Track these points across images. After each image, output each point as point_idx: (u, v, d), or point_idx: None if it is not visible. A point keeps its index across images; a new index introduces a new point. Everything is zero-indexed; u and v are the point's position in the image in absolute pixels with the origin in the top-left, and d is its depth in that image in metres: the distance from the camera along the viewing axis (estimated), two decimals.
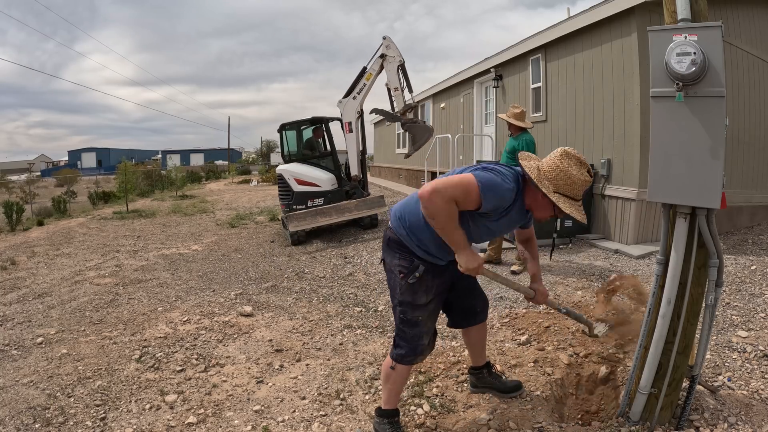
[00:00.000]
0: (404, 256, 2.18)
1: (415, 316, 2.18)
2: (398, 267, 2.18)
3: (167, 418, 2.66)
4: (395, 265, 2.19)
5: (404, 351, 2.22)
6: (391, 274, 2.25)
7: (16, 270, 6.78)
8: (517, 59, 9.05)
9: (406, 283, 2.16)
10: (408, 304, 2.18)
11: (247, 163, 51.27)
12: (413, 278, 2.15)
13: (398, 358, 2.23)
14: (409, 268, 2.15)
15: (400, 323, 2.22)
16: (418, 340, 2.21)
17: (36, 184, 23.99)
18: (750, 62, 6.93)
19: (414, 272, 2.14)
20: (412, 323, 2.19)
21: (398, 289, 2.18)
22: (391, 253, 2.23)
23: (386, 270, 2.30)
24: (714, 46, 1.90)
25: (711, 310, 2.15)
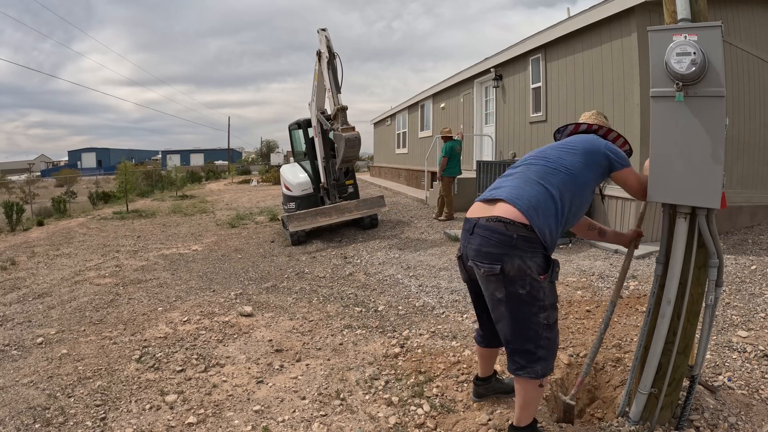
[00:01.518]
0: (537, 252, 1.95)
1: (555, 316, 2.01)
2: (536, 267, 1.94)
3: (167, 418, 2.65)
4: (532, 267, 1.92)
5: (550, 360, 2.00)
6: (523, 278, 1.92)
7: (16, 270, 6.78)
8: (517, 59, 9.05)
9: (550, 283, 1.98)
10: (553, 307, 1.99)
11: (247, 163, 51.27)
12: (556, 275, 1.99)
13: (545, 371, 1.99)
14: (549, 265, 1.97)
15: (544, 331, 1.96)
16: (557, 340, 2.05)
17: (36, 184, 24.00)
18: (750, 62, 6.94)
19: (554, 268, 1.98)
20: (553, 325, 2.00)
21: (542, 293, 1.94)
22: (519, 254, 1.92)
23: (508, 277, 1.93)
24: (714, 46, 1.90)
25: (711, 310, 2.15)
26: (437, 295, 4.61)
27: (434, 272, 5.43)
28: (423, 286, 4.94)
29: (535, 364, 1.97)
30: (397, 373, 3.04)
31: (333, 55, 7.29)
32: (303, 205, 8.18)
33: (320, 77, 7.63)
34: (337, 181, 8.15)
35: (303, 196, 8.35)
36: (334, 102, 7.23)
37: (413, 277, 5.32)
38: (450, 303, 4.38)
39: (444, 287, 4.82)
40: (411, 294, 4.71)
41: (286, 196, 8.64)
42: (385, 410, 2.63)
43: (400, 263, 5.95)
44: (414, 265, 5.82)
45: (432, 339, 3.55)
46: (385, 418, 2.55)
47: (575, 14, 7.50)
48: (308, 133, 8.62)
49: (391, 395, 2.77)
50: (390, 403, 2.69)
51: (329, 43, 7.32)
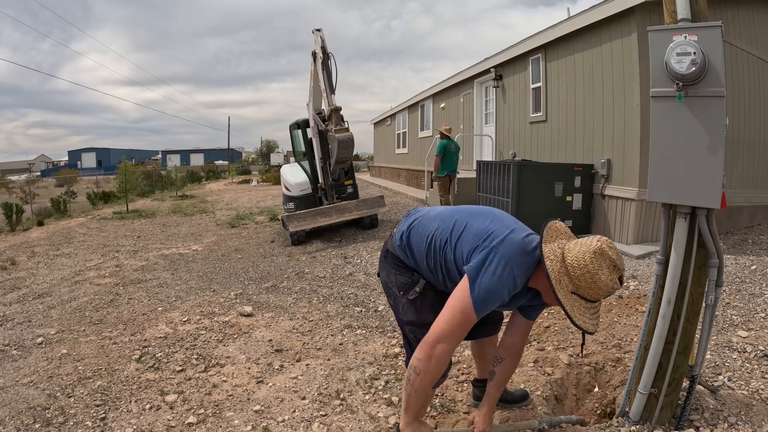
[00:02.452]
0: (402, 270, 2.02)
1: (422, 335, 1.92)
2: (396, 283, 2.02)
3: (167, 418, 2.65)
4: (392, 282, 2.04)
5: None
6: (389, 290, 2.08)
7: (16, 270, 6.78)
8: (517, 59, 9.05)
9: (407, 300, 2.00)
10: (414, 324, 2.00)
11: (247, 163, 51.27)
12: (413, 293, 1.98)
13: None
14: (408, 284, 2.00)
15: (414, 342, 2.00)
16: None
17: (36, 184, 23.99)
18: (750, 62, 6.94)
19: (414, 287, 1.98)
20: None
21: (400, 308, 2.02)
22: (387, 267, 2.07)
23: (384, 287, 2.13)
24: (714, 46, 1.90)
25: (711, 310, 2.15)
26: None
27: None
28: None
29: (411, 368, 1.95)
30: (397, 373, 3.04)
31: (327, 56, 7.29)
32: (302, 205, 8.19)
33: (316, 78, 7.63)
34: (336, 181, 8.15)
35: (302, 197, 8.35)
36: (328, 102, 7.22)
37: None
38: None
39: None
40: None
41: (286, 196, 8.66)
42: (385, 410, 2.63)
43: None
44: None
45: None
46: (385, 418, 2.55)
47: (575, 14, 7.50)
48: (307, 133, 8.63)
49: (391, 395, 2.77)
50: (390, 403, 2.69)
51: (324, 43, 7.31)
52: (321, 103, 7.73)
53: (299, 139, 9.10)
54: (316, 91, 7.81)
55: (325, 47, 7.30)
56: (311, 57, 7.62)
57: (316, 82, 7.63)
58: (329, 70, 7.31)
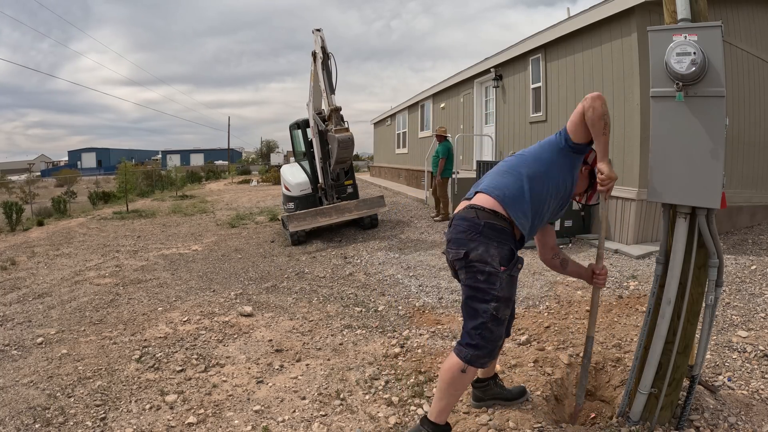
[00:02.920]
0: (504, 243, 2.02)
1: (505, 313, 2.04)
2: (499, 257, 2.00)
3: (167, 418, 2.65)
4: (495, 255, 1.99)
5: (483, 352, 2.03)
6: (483, 266, 1.99)
7: (16, 270, 6.78)
8: (517, 59, 9.05)
9: (508, 276, 2.01)
10: (505, 301, 2.02)
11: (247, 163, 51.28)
12: (516, 270, 2.04)
13: (474, 360, 2.02)
14: (512, 260, 2.03)
15: (490, 321, 2.00)
16: (499, 340, 2.08)
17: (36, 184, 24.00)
18: (750, 62, 6.94)
19: (517, 263, 2.04)
20: (501, 322, 2.03)
21: (498, 283, 1.99)
22: (485, 241, 2.01)
23: (474, 264, 2.01)
24: (714, 46, 1.90)
25: (711, 310, 2.15)
26: (437, 295, 4.61)
27: (434, 272, 5.43)
28: (423, 286, 4.95)
29: (468, 348, 2.03)
30: (397, 373, 3.04)
31: (327, 56, 7.29)
32: (301, 205, 8.19)
33: (316, 78, 7.63)
34: (336, 181, 8.15)
35: (301, 197, 8.36)
36: (328, 103, 7.21)
37: (413, 277, 5.32)
38: (450, 303, 4.38)
39: (444, 287, 4.82)
40: (411, 294, 4.71)
41: (286, 196, 8.67)
42: (385, 410, 2.63)
43: (400, 263, 5.95)
44: (414, 265, 5.82)
45: (432, 339, 3.55)
46: (385, 418, 2.55)
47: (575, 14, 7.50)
48: (307, 133, 8.63)
49: (391, 395, 2.77)
50: (390, 403, 2.69)
51: (324, 43, 7.31)
52: (321, 103, 7.73)
53: (299, 139, 9.10)
54: (316, 91, 7.81)
55: (325, 47, 7.31)
56: (311, 57, 7.63)
57: (316, 82, 7.63)
58: (329, 70, 7.31)
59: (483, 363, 2.07)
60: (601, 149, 2.04)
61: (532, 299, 4.27)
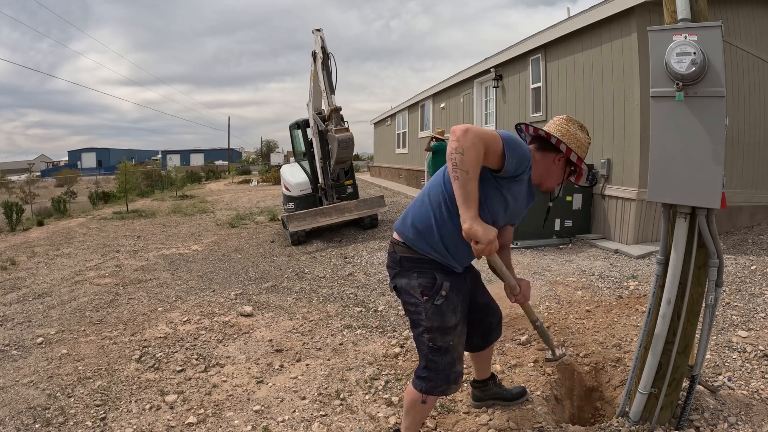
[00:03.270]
0: (424, 272, 1.94)
1: (446, 341, 1.94)
2: (420, 287, 1.93)
3: (167, 418, 2.65)
4: (415, 287, 1.94)
5: (435, 383, 1.97)
6: (409, 298, 1.96)
7: (16, 270, 6.78)
8: (517, 59, 9.05)
9: (433, 306, 1.92)
10: (438, 330, 1.93)
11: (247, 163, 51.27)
12: (440, 298, 1.91)
13: (429, 390, 1.98)
14: (434, 287, 1.92)
15: (429, 353, 1.95)
16: (451, 368, 1.97)
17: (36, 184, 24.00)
18: (750, 62, 6.93)
19: (439, 290, 1.91)
20: (444, 350, 1.95)
21: (424, 314, 1.92)
22: (406, 273, 1.97)
23: (402, 296, 2.00)
24: (714, 46, 1.90)
25: (711, 310, 2.15)
26: None
27: None
28: None
29: (421, 380, 1.99)
30: (397, 373, 3.04)
31: (327, 56, 7.29)
32: (301, 205, 8.19)
33: (316, 78, 7.64)
34: (336, 181, 8.15)
35: (301, 197, 8.36)
36: (328, 103, 7.21)
37: None
38: None
39: None
40: None
41: (286, 196, 8.67)
42: (385, 410, 2.63)
43: None
44: None
45: None
46: (385, 418, 2.55)
47: (575, 14, 7.50)
48: (307, 133, 8.63)
49: (391, 395, 2.77)
50: (390, 403, 2.69)
51: (324, 43, 7.31)
52: (321, 103, 7.73)
53: (299, 139, 9.11)
54: (316, 91, 7.81)
55: (325, 47, 7.31)
56: (311, 57, 7.63)
57: (316, 82, 7.63)
58: (329, 70, 7.32)
59: (442, 391, 2.00)
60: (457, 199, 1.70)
61: (532, 299, 4.27)
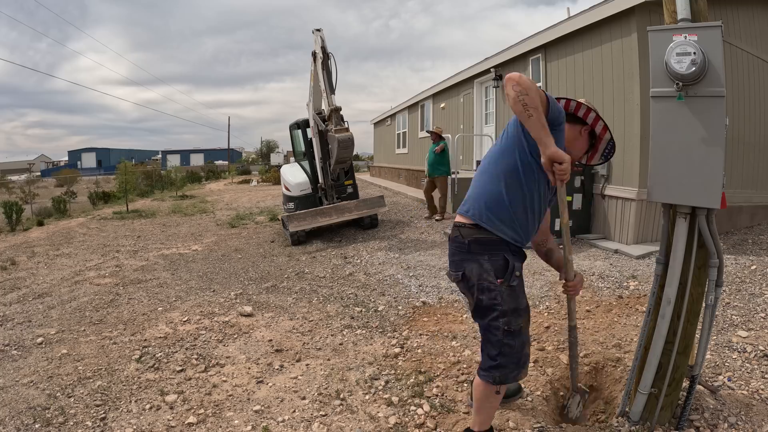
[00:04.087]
0: (495, 254, 1.93)
1: (518, 324, 1.94)
2: (493, 271, 1.91)
3: (167, 418, 2.65)
4: (489, 270, 1.92)
5: (509, 368, 1.95)
6: (482, 283, 1.93)
7: (16, 270, 6.78)
8: (517, 59, 9.05)
9: (508, 288, 1.91)
10: (513, 312, 1.92)
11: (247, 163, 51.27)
12: (515, 279, 1.92)
13: (502, 378, 1.96)
14: (507, 269, 1.91)
15: (504, 337, 1.93)
16: (522, 350, 1.97)
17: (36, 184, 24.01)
18: (750, 62, 6.93)
19: (513, 272, 1.92)
20: (516, 333, 1.94)
21: (499, 297, 1.91)
22: (475, 258, 1.94)
23: (473, 283, 1.96)
24: (714, 46, 1.90)
25: (711, 310, 2.15)
26: (437, 295, 4.61)
27: (434, 272, 5.43)
28: (423, 286, 4.94)
29: (494, 370, 1.97)
30: (397, 373, 3.04)
31: (327, 56, 7.29)
32: (301, 205, 8.19)
33: (316, 78, 7.64)
34: (336, 181, 8.15)
35: (301, 197, 8.36)
36: (328, 103, 7.21)
37: (413, 277, 5.31)
38: (450, 303, 4.38)
39: (444, 287, 4.82)
40: (411, 294, 4.71)
41: (286, 196, 8.68)
42: (385, 410, 2.63)
43: (400, 263, 5.95)
44: (414, 265, 5.81)
45: (432, 339, 3.55)
46: (385, 418, 2.55)
47: (575, 14, 7.50)
48: (307, 133, 8.64)
49: (391, 395, 2.77)
50: (390, 403, 2.69)
51: (324, 43, 7.32)
52: (321, 103, 7.73)
53: (299, 139, 9.11)
54: (316, 91, 7.81)
55: (325, 47, 7.31)
56: (311, 57, 7.63)
57: (316, 82, 7.63)
58: (329, 70, 7.32)
59: (514, 377, 2.00)
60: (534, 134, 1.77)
61: (532, 299, 4.27)
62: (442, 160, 8.71)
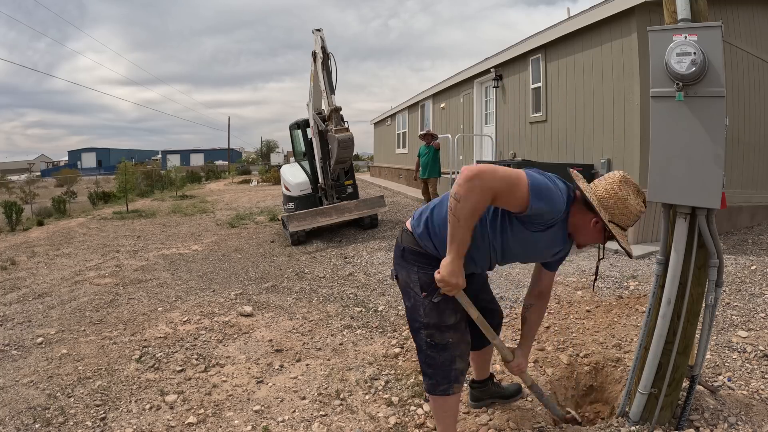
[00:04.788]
0: (424, 268, 1.90)
1: (444, 338, 1.93)
2: (419, 282, 1.91)
3: (167, 418, 2.65)
4: (415, 281, 1.92)
5: (436, 380, 1.96)
6: (408, 291, 1.96)
7: (16, 270, 6.78)
8: (517, 59, 9.05)
9: (430, 303, 1.89)
10: (435, 327, 1.91)
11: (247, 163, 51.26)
12: (437, 296, 1.86)
13: (430, 389, 1.98)
14: (432, 284, 1.85)
15: (427, 349, 1.94)
16: (450, 365, 1.94)
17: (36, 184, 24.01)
18: (750, 62, 6.94)
19: (438, 289, 1.84)
20: (441, 347, 1.93)
21: (421, 309, 1.91)
22: (407, 266, 1.95)
23: (402, 288, 2.01)
24: (714, 46, 1.90)
25: (711, 310, 2.15)
26: None
27: None
28: None
29: (426, 379, 2.00)
30: (397, 373, 3.04)
31: (327, 56, 7.29)
32: (301, 205, 8.20)
33: (316, 78, 7.64)
34: (336, 181, 8.15)
35: (301, 197, 8.36)
36: (328, 103, 7.22)
37: None
38: None
39: None
40: None
41: (286, 196, 8.68)
42: (385, 410, 2.63)
43: None
44: None
45: None
46: (385, 418, 2.55)
47: (575, 14, 7.51)
48: (307, 133, 8.64)
49: (391, 395, 2.77)
50: (390, 403, 2.69)
51: (324, 43, 7.32)
52: (321, 103, 7.73)
53: (299, 139, 9.11)
54: (316, 91, 7.82)
55: (325, 47, 7.32)
56: (311, 57, 7.63)
57: (316, 82, 7.64)
58: (329, 70, 7.32)
59: (444, 390, 1.96)
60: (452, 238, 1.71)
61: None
62: (435, 162, 8.76)
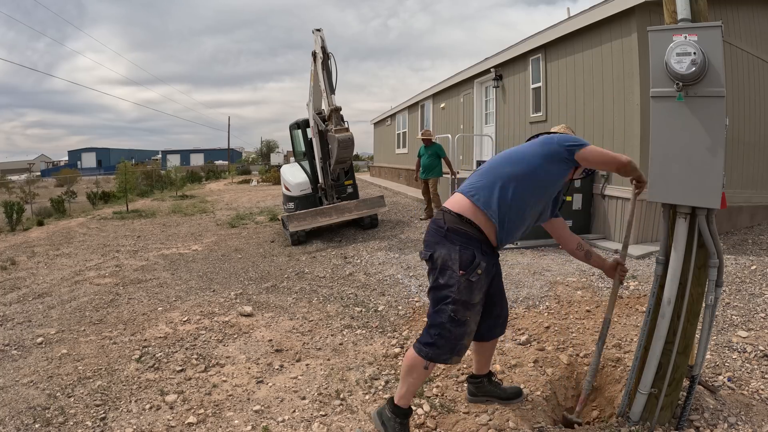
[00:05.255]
0: (467, 247, 2.05)
1: (465, 315, 2.07)
2: (458, 262, 2.04)
3: (167, 418, 2.65)
4: (456, 259, 2.04)
5: (442, 350, 2.10)
6: (446, 269, 2.07)
7: (16, 270, 6.78)
8: (517, 59, 9.05)
9: (466, 280, 2.03)
10: (462, 303, 2.05)
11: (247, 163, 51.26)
12: (475, 275, 2.04)
13: (434, 357, 2.11)
14: (472, 264, 2.03)
15: (448, 322, 2.07)
16: (460, 340, 2.11)
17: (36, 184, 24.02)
18: (750, 62, 6.94)
19: (476, 268, 2.04)
20: (461, 323, 2.08)
21: (456, 286, 2.04)
22: (449, 245, 2.07)
23: (439, 266, 2.10)
24: (714, 46, 1.90)
25: (711, 310, 2.15)
26: None
27: None
28: (423, 286, 4.94)
29: (429, 347, 2.12)
30: (397, 373, 3.03)
31: (327, 56, 7.29)
32: (301, 205, 8.20)
33: (316, 78, 7.64)
34: (336, 181, 8.15)
35: (301, 197, 8.36)
36: (328, 103, 7.22)
37: (413, 277, 5.31)
38: None
39: None
40: (411, 294, 4.71)
41: (286, 196, 8.68)
42: None
43: (400, 263, 5.95)
44: (414, 265, 5.81)
45: None
46: None
47: (575, 14, 7.51)
48: (307, 133, 8.64)
49: (391, 395, 2.76)
50: None
51: (324, 43, 7.32)
52: (321, 103, 7.73)
53: (299, 139, 9.11)
54: (316, 91, 7.82)
55: (325, 47, 7.31)
56: (311, 57, 7.63)
57: (316, 82, 7.64)
58: (329, 70, 7.32)
59: (445, 360, 2.13)
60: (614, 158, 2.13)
61: (532, 299, 4.27)
62: (435, 163, 8.75)
